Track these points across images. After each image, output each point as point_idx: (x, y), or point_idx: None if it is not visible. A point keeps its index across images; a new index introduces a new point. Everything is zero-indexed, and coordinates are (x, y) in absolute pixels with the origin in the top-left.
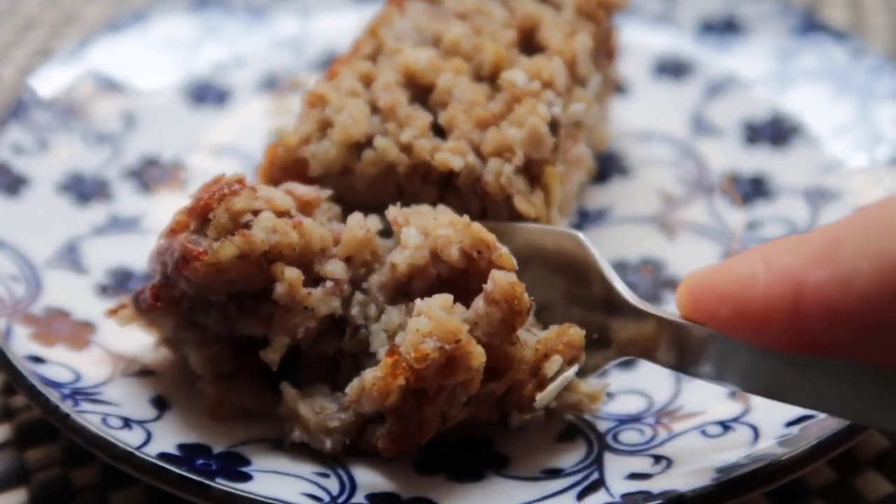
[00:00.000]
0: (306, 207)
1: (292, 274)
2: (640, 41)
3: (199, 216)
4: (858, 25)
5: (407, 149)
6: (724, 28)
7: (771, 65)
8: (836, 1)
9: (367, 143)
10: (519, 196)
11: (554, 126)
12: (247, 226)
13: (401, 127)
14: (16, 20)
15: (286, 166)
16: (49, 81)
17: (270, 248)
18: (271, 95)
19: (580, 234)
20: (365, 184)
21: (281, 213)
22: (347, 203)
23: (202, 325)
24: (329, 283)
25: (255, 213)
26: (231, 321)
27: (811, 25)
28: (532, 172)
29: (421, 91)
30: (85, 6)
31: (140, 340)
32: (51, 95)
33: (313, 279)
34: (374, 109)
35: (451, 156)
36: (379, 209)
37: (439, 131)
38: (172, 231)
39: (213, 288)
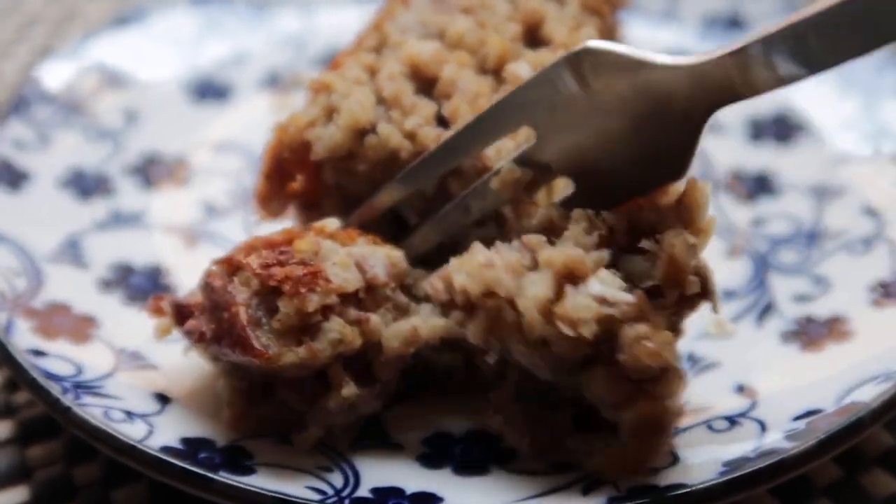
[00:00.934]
0: (373, 286)
1: (350, 391)
2: (644, 38)
3: (263, 285)
4: None
5: (410, 136)
6: (728, 25)
7: None
8: None
9: (372, 130)
10: None
11: None
12: (315, 328)
13: (405, 115)
14: (18, 17)
15: (294, 146)
16: (51, 76)
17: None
18: (273, 92)
19: (581, 47)
20: (367, 169)
21: (348, 297)
22: (347, 193)
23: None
24: (377, 386)
25: (326, 309)
26: (273, 385)
27: None
28: None
29: (425, 83)
30: (87, 4)
31: (142, 335)
32: (53, 91)
33: (366, 373)
34: (379, 100)
35: None
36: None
37: (443, 122)
38: (230, 264)
39: (266, 375)
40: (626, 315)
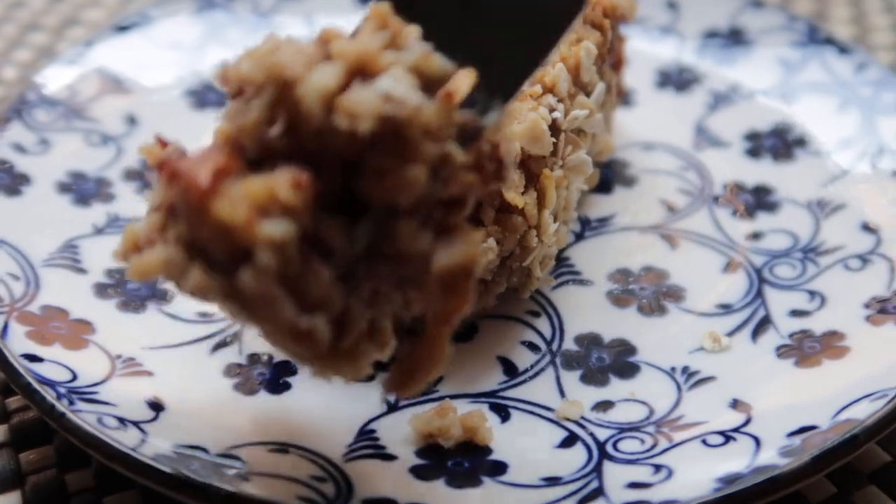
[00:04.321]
0: None
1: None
2: (644, 51)
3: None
4: (862, 42)
5: None
6: (729, 39)
7: (775, 76)
8: (841, 18)
9: None
10: (510, 188)
11: (554, 130)
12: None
13: None
14: (19, 21)
15: None
16: (53, 81)
17: None
18: None
19: None
20: None
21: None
22: None
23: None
24: None
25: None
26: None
27: (815, 38)
28: (529, 169)
29: None
30: (88, 9)
31: (138, 341)
32: (54, 95)
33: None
34: None
35: None
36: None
37: None
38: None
39: None
40: (409, 118)
